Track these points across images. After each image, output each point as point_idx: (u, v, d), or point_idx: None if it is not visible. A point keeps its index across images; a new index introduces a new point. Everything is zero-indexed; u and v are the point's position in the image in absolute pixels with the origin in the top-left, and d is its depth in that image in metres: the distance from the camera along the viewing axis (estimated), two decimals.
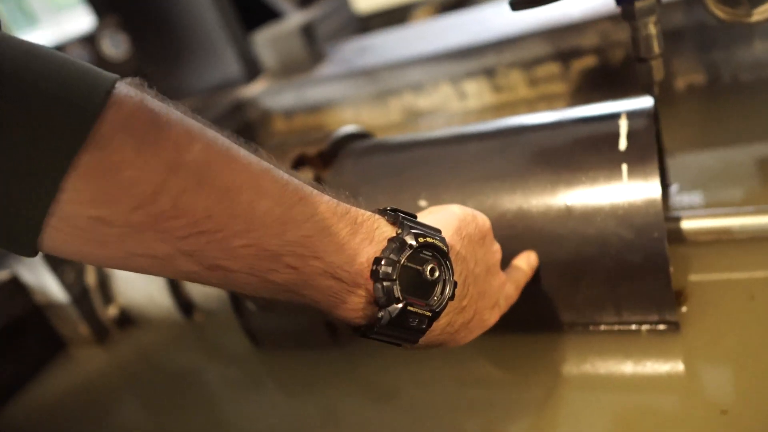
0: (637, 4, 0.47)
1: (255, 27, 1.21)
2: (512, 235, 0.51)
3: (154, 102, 0.28)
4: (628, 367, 0.49)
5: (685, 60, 0.88)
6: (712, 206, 0.60)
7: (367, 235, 0.34)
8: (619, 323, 0.51)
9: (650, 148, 0.48)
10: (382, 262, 0.33)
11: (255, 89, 1.16)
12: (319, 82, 1.10)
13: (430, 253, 0.35)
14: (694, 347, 0.48)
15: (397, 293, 0.33)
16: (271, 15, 1.28)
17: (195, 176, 0.28)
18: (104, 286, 0.74)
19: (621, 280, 0.48)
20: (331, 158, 0.62)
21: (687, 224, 0.55)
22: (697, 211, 0.56)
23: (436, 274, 0.35)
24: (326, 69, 1.12)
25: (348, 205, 0.34)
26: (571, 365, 0.51)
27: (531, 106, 0.97)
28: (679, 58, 0.88)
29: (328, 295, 0.33)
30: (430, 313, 0.35)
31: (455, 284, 0.36)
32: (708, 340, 0.48)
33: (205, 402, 0.65)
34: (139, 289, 0.73)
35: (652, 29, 0.48)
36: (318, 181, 0.60)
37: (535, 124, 0.56)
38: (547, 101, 0.96)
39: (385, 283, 0.33)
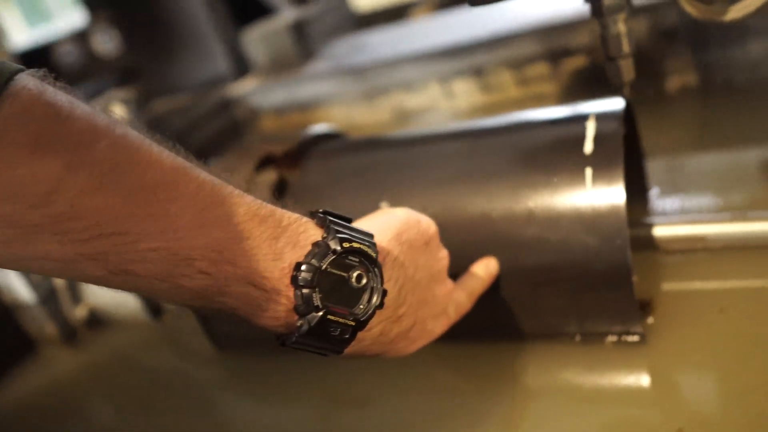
0: (606, 1, 0.44)
1: (249, 23, 1.19)
2: (473, 240, 0.49)
3: (57, 95, 0.26)
4: (590, 379, 0.47)
5: (677, 60, 0.85)
6: (696, 212, 0.58)
7: (291, 239, 0.32)
8: (583, 333, 0.49)
9: (617, 152, 0.46)
10: (303, 268, 0.31)
11: (244, 87, 1.14)
12: (309, 80, 1.09)
13: (357, 259, 0.33)
14: (659, 360, 0.46)
15: (317, 301, 0.31)
16: (265, 12, 1.26)
17: (97, 176, 0.26)
18: (72, 286, 0.73)
19: (583, 288, 0.46)
20: (297, 159, 0.60)
21: (659, 231, 0.53)
22: (672, 217, 0.54)
23: (363, 281, 0.33)
24: (316, 67, 1.11)
25: (273, 207, 0.32)
26: (534, 376, 0.49)
27: (520, 106, 0.94)
28: (671, 57, 0.85)
29: (245, 303, 0.31)
30: (353, 323, 0.33)
31: (384, 292, 0.34)
32: (674, 353, 0.46)
33: (171, 405, 0.63)
34: (108, 290, 0.71)
35: (622, 27, 0.46)
36: (282, 182, 0.59)
37: (503, 125, 0.54)
38: (537, 101, 0.94)
39: (304, 291, 0.31)
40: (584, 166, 0.46)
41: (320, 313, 0.31)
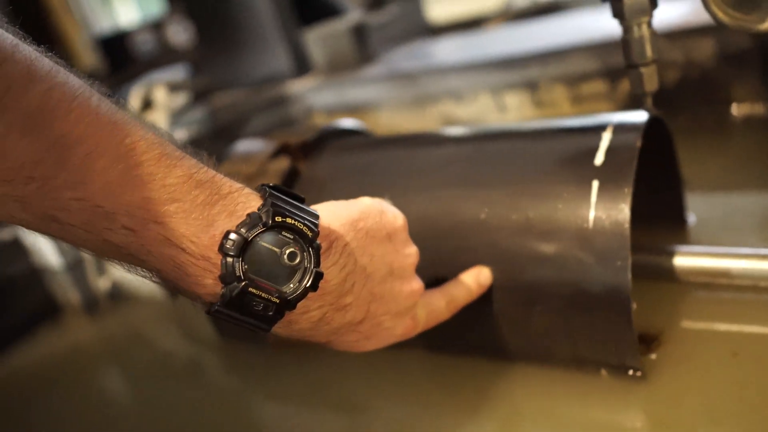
0: (627, 2, 0.41)
1: (314, 23, 1.21)
2: (465, 247, 0.46)
3: (2, 38, 0.27)
4: (580, 412, 0.43)
5: (745, 86, 0.78)
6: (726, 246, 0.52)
7: (228, 208, 0.31)
8: (576, 360, 0.45)
9: (628, 165, 0.42)
10: (231, 236, 0.30)
11: (300, 85, 1.16)
12: (361, 83, 1.08)
13: (292, 236, 0.32)
14: (656, 402, 0.41)
15: (239, 271, 0.30)
16: (332, 13, 1.28)
17: (23, 120, 0.26)
18: None
19: (576, 309, 0.42)
20: (311, 150, 0.60)
21: (680, 260, 0.48)
22: (696, 247, 0.49)
23: (297, 260, 0.31)
24: (371, 70, 1.10)
25: (214, 174, 0.31)
26: (523, 399, 0.46)
27: None
28: (739, 83, 0.79)
29: (171, 266, 0.30)
30: (278, 300, 0.31)
31: (318, 275, 0.32)
32: (674, 396, 0.41)
33: (171, 385, 0.64)
34: None
35: (646, 31, 0.42)
36: (294, 171, 0.58)
37: (517, 131, 0.51)
38: None
39: (228, 258, 0.30)
40: (591, 178, 0.43)
41: (241, 284, 0.30)
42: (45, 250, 0.72)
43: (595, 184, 0.42)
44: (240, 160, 0.61)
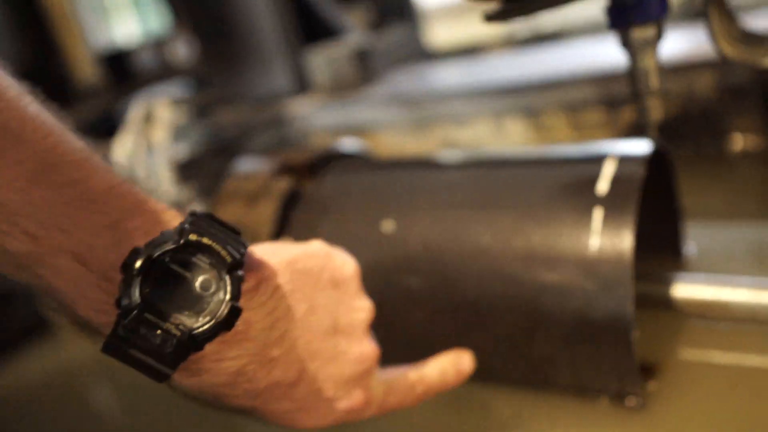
0: (636, 31, 0.42)
1: (315, 42, 1.22)
2: (469, 272, 0.46)
3: None
4: None
5: (745, 120, 0.79)
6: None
7: (146, 226, 0.27)
8: (576, 387, 0.45)
9: (632, 195, 0.43)
10: (135, 253, 0.26)
11: (301, 104, 1.16)
12: (363, 104, 1.09)
13: (208, 261, 0.27)
14: (656, 431, 0.41)
15: (136, 294, 0.25)
16: (332, 33, 1.29)
17: None
18: None
19: (579, 337, 0.42)
20: (314, 170, 0.60)
21: (680, 290, 0.48)
22: (697, 277, 0.49)
23: (211, 289, 0.27)
24: (373, 92, 1.11)
25: (138, 190, 0.28)
26: (520, 426, 0.45)
27: None
28: (739, 116, 0.80)
29: (68, 283, 0.26)
30: (179, 333, 0.26)
31: (234, 309, 0.27)
32: (674, 427, 0.41)
33: (167, 402, 0.63)
34: None
35: (651, 62, 0.42)
36: (296, 191, 0.58)
37: (522, 157, 0.52)
38: None
39: (127, 277, 0.25)
40: (595, 207, 0.43)
41: (137, 310, 0.25)
42: None
43: (599, 212, 0.43)
44: (242, 177, 0.61)
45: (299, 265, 0.32)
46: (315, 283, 0.33)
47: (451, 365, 0.40)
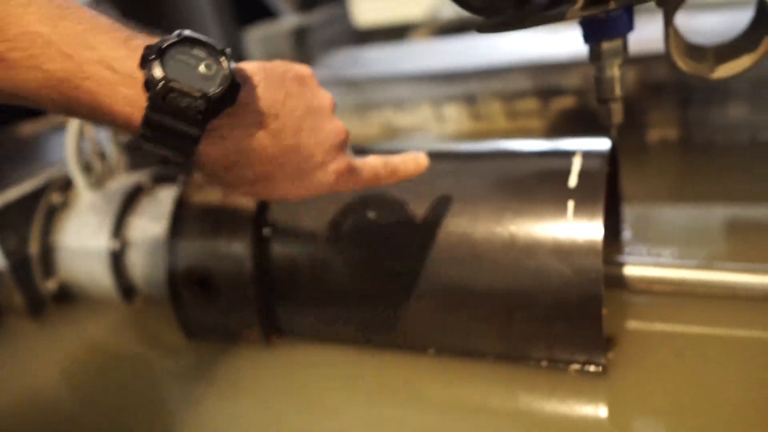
0: (605, 45, 0.47)
1: (249, 24, 1.20)
2: (454, 259, 0.50)
3: None
4: (552, 405, 0.49)
5: (661, 113, 0.89)
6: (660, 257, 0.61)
7: (147, 39, 0.35)
8: (550, 360, 0.50)
9: (599, 189, 0.48)
10: (148, 48, 0.34)
11: None
12: None
13: (205, 53, 0.35)
14: (617, 395, 0.48)
15: (160, 72, 0.33)
16: (268, 14, 1.28)
17: None
18: (46, 257, 0.72)
19: (556, 316, 0.48)
20: None
21: (630, 270, 0.55)
22: (643, 258, 0.56)
23: (213, 69, 0.35)
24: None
25: (127, 25, 0.36)
26: (496, 395, 0.51)
27: (507, 137, 0.98)
28: (656, 110, 0.89)
29: (102, 86, 0.33)
30: (200, 95, 0.34)
31: (235, 83, 0.35)
32: (631, 390, 0.48)
33: (136, 392, 0.63)
34: (82, 265, 0.71)
35: (616, 71, 0.48)
36: None
37: (496, 150, 0.56)
38: (524, 135, 0.97)
39: (149, 64, 0.34)
40: (567, 199, 0.48)
41: (163, 81, 0.33)
42: None
43: (571, 204, 0.48)
44: None
45: (269, 66, 0.40)
46: (284, 78, 0.40)
47: (410, 156, 0.47)
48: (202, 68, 0.34)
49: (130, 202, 0.71)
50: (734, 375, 0.47)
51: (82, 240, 0.71)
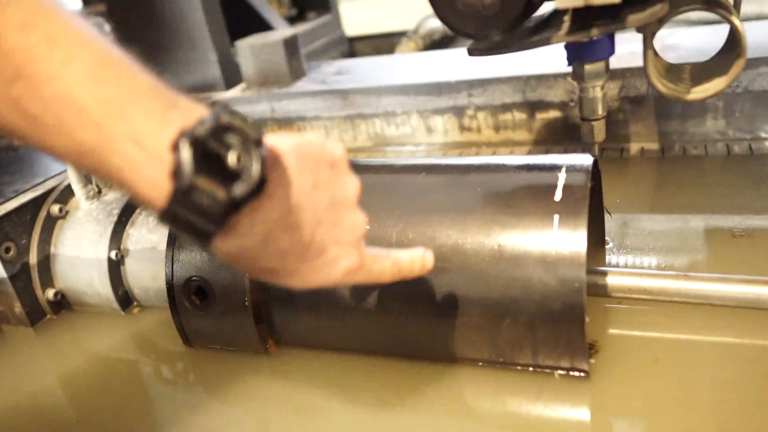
0: (587, 67, 0.50)
1: (242, 35, 1.22)
2: (445, 269, 0.53)
3: None
4: (537, 409, 0.51)
5: (641, 126, 0.92)
6: (642, 268, 0.64)
7: (183, 114, 0.33)
8: (535, 366, 0.53)
9: (582, 202, 0.51)
10: (183, 135, 0.32)
11: (230, 95, 1.17)
12: (293, 97, 1.12)
13: (237, 140, 0.33)
14: (599, 399, 0.51)
15: (188, 166, 0.31)
16: (261, 25, 1.30)
17: (13, 23, 0.30)
18: (45, 266, 0.74)
19: (541, 324, 0.50)
20: None
21: (611, 279, 0.58)
22: (622, 269, 0.59)
23: (242, 162, 0.33)
24: (303, 84, 1.14)
25: (170, 89, 0.34)
26: (485, 400, 0.53)
27: (494, 149, 1.01)
28: (636, 122, 0.92)
29: (129, 163, 0.32)
30: (224, 194, 0.32)
31: (262, 179, 0.33)
32: (612, 395, 0.51)
33: (134, 399, 0.64)
34: (81, 274, 0.73)
35: (599, 92, 0.51)
36: None
37: (483, 164, 0.59)
38: (510, 147, 1.00)
39: (178, 153, 0.32)
40: (552, 212, 0.51)
41: (191, 177, 0.31)
42: None
43: (556, 217, 0.51)
44: None
45: (302, 149, 0.38)
46: (316, 164, 0.38)
47: (418, 256, 0.47)
48: (231, 158, 0.32)
49: (128, 212, 0.72)
50: (708, 379, 0.50)
51: (81, 250, 0.72)
